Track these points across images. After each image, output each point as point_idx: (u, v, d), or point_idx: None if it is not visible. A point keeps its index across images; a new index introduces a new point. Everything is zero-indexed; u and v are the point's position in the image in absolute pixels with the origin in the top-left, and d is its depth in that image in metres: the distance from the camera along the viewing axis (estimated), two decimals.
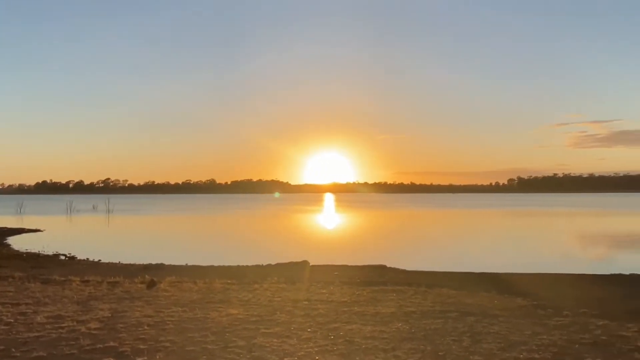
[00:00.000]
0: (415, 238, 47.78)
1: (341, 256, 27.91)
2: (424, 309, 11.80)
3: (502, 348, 8.21)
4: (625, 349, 8.40)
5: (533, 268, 23.34)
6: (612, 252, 36.46)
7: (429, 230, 57.75)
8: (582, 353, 7.94)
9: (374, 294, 14.18)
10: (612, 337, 9.35)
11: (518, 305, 13.01)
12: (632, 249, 38.13)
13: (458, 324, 10.13)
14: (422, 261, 26.58)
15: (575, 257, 32.72)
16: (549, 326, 10.13)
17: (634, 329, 10.02)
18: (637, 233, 52.20)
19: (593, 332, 9.71)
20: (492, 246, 39.62)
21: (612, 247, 39.78)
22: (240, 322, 10.23)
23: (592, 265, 26.77)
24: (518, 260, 28.77)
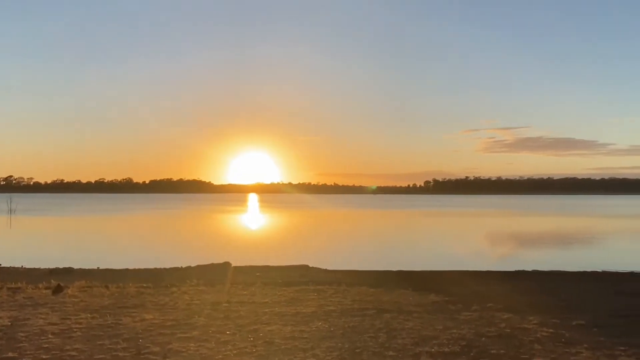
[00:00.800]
0: (337, 238, 48.63)
1: (264, 257, 27.72)
2: (343, 308, 12.02)
3: (416, 343, 8.56)
4: (527, 340, 9.07)
5: (446, 265, 24.59)
6: (517, 250, 39.38)
7: (350, 230, 59.03)
8: (488, 345, 8.47)
9: (296, 294, 14.23)
10: (515, 329, 10.06)
11: (431, 301, 13.63)
12: (534, 247, 41.44)
13: (375, 321, 10.43)
14: (343, 260, 27.07)
15: (484, 254, 34.95)
16: (458, 320, 10.71)
17: (535, 322, 10.85)
18: (538, 232, 56.78)
19: (498, 325, 10.40)
20: (409, 245, 41.27)
21: (517, 245, 42.98)
22: (156, 327, 9.83)
23: (499, 262, 28.72)
24: (433, 258, 30.18)
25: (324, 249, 37.07)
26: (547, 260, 30.13)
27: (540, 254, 35.41)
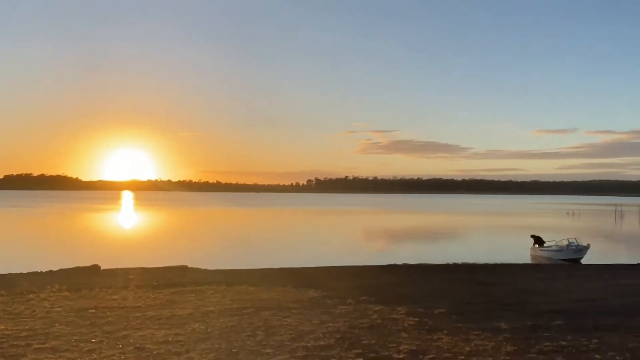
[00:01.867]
0: (219, 237, 47.65)
1: (139, 258, 26.20)
2: (222, 308, 11.80)
3: (293, 338, 8.69)
4: (395, 330, 9.68)
5: (326, 261, 25.35)
6: (389, 245, 42.02)
7: (232, 229, 58.22)
8: (360, 336, 8.89)
9: (172, 296, 13.65)
10: (385, 319, 10.69)
11: (310, 297, 13.94)
12: (405, 242, 44.54)
13: (254, 319, 10.39)
14: (225, 260, 26.60)
15: (361, 250, 36.73)
16: (334, 314, 11.10)
17: (403, 312, 11.62)
18: (409, 228, 61.10)
19: (370, 316, 10.97)
20: (291, 243, 41.86)
21: (390, 241, 45.87)
22: (8, 338, 8.78)
23: (373, 257, 30.32)
24: (313, 255, 30.93)
25: (205, 249, 36.09)
26: (416, 254, 32.56)
27: (410, 249, 38.15)
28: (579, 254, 29.80)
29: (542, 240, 33.27)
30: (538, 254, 32.20)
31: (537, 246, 33.09)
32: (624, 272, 22.48)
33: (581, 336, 9.13)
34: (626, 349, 8.15)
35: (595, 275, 21.05)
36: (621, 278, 19.77)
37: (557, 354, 7.81)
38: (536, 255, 32.28)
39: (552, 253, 31.10)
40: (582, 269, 24.81)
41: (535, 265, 27.28)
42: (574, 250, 30.06)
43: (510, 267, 24.90)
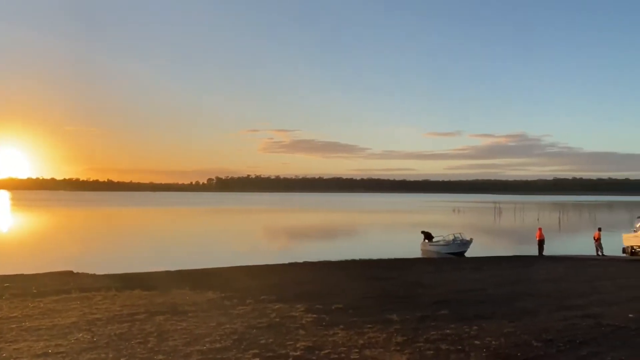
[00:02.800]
0: (109, 239, 44.69)
1: (17, 264, 23.81)
2: (110, 315, 11.07)
3: (188, 343, 8.40)
4: (293, 327, 9.75)
5: (226, 262, 24.86)
6: (291, 243, 42.34)
7: (125, 231, 54.96)
8: (258, 336, 8.83)
9: (54, 305, 12.53)
10: (283, 318, 10.73)
11: (208, 299, 13.59)
12: (306, 240, 45.16)
13: (146, 325, 9.88)
14: (116, 263, 25.04)
15: (262, 249, 36.59)
16: (232, 315, 10.92)
17: (302, 309, 11.75)
18: (310, 226, 62.06)
19: (269, 315, 10.95)
20: (190, 243, 40.51)
21: (291, 239, 46.23)
22: None
23: (275, 255, 30.35)
24: (213, 256, 30.21)
25: (93, 253, 33.66)
26: (316, 252, 33.12)
27: (310, 247, 38.76)
28: (463, 248, 32.27)
29: (432, 236, 35.53)
30: (428, 249, 34.35)
31: (427, 241, 35.29)
32: (502, 263, 24.71)
33: (463, 324, 9.88)
34: (501, 334, 8.96)
35: (477, 267, 22.94)
36: (499, 269, 21.74)
37: (441, 341, 8.36)
38: (426, 249, 34.40)
39: (439, 247, 33.35)
40: (466, 261, 26.86)
41: (425, 259, 29.06)
42: (458, 244, 32.50)
43: (403, 261, 26.27)
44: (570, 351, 7.66)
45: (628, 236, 32.28)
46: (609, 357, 7.29)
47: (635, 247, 31.15)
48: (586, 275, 18.78)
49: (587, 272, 19.64)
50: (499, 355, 7.38)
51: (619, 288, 15.16)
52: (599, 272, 19.57)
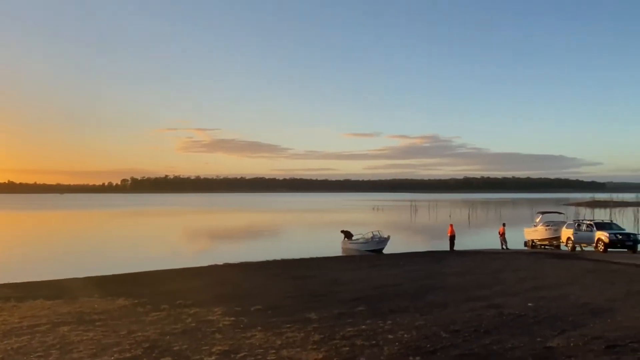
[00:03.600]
0: (7, 245, 41.07)
1: None
2: (7, 327, 10.15)
3: (94, 354, 7.90)
4: (209, 331, 9.50)
5: (141, 267, 23.81)
6: (211, 245, 41.40)
7: (25, 235, 50.80)
8: (172, 342, 8.50)
9: None
10: (200, 322, 10.43)
11: (119, 306, 12.90)
12: (227, 241, 44.35)
13: (48, 337, 9.17)
14: (16, 272, 23.07)
15: (180, 252, 35.41)
16: (145, 322, 10.44)
17: (219, 312, 11.50)
18: (231, 227, 61.08)
19: (185, 320, 10.60)
20: (101, 248, 38.28)
21: (212, 241, 45.18)
22: None
23: (194, 258, 29.47)
24: (127, 260, 28.80)
25: None
26: (237, 253, 32.65)
27: (232, 248, 38.15)
28: (381, 245, 33.31)
29: (351, 234, 36.36)
30: (348, 247, 35.10)
31: (347, 240, 36.06)
32: (416, 259, 25.82)
33: (379, 319, 10.16)
34: (413, 327, 9.32)
35: (394, 263, 23.78)
36: (414, 265, 22.67)
37: (357, 337, 8.54)
38: (346, 247, 35.15)
39: (359, 245, 34.19)
40: (383, 258, 27.75)
41: (345, 257, 29.64)
42: (377, 242, 33.51)
43: (324, 260, 26.63)
44: (475, 340, 8.13)
45: (529, 230, 35.02)
46: (509, 344, 7.82)
47: (535, 241, 33.88)
48: (491, 268, 20.09)
49: (492, 265, 21.02)
50: (410, 348, 7.67)
51: (520, 279, 16.36)
52: (502, 265, 21.01)
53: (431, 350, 7.54)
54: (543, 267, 19.98)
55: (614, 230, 28.44)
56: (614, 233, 27.82)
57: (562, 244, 31.19)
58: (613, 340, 7.76)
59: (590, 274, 16.97)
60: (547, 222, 33.90)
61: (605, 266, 19.53)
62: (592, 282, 15.09)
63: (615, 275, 16.42)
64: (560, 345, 7.59)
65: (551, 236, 32.36)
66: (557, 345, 7.59)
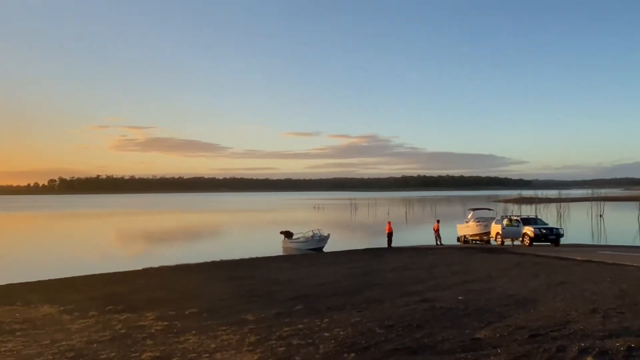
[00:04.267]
0: None
1: None
2: None
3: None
4: (140, 338, 9.13)
5: (69, 271, 22.60)
6: (146, 248, 39.91)
7: None
8: (99, 351, 8.09)
9: None
10: (130, 328, 10.00)
11: (43, 314, 12.15)
12: (163, 243, 42.91)
13: None
14: None
15: (112, 256, 33.89)
16: (71, 331, 9.88)
17: (151, 317, 11.09)
18: (168, 228, 59.18)
19: (114, 327, 10.12)
20: (24, 253, 35.92)
21: (147, 243, 43.57)
22: None
23: (127, 262, 28.30)
24: (54, 265, 27.23)
25: None
26: (174, 255, 31.75)
27: (168, 250, 36.98)
28: (321, 243, 33.58)
29: (291, 234, 36.38)
30: (288, 246, 35.10)
31: (287, 239, 36.04)
32: (355, 256, 26.18)
33: (316, 317, 10.19)
34: (349, 324, 9.42)
35: (333, 261, 24.00)
36: (353, 262, 22.97)
37: (294, 337, 8.51)
38: (286, 247, 35.13)
39: (299, 244, 34.28)
40: (323, 256, 27.95)
41: (285, 257, 29.57)
42: (317, 240, 33.73)
43: (264, 260, 26.43)
44: (408, 334, 8.33)
45: (461, 226, 36.51)
46: (440, 336, 8.07)
47: (467, 236, 35.37)
48: (426, 263, 20.73)
49: (427, 261, 21.70)
50: (345, 345, 7.74)
51: (452, 273, 16.99)
52: (436, 260, 21.75)
53: (365, 346, 7.65)
54: (474, 261, 20.87)
55: (538, 225, 30.20)
56: (539, 228, 29.54)
57: (492, 238, 32.77)
58: (535, 330, 8.20)
59: (516, 267, 17.91)
60: (478, 218, 35.49)
61: (530, 259, 20.69)
62: (518, 274, 15.93)
63: (539, 268, 17.42)
64: (487, 336, 7.93)
65: (482, 231, 33.91)
66: (484, 337, 7.93)
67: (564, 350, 6.81)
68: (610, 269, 16.43)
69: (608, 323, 8.45)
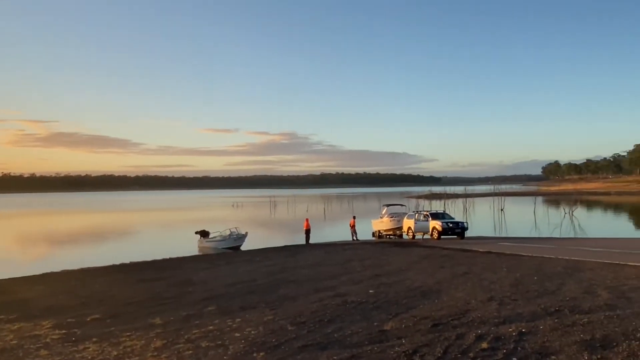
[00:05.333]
0: None
1: None
2: None
3: None
4: (33, 348, 8.43)
5: None
6: (47, 252, 36.98)
7: None
8: None
9: None
10: (23, 339, 9.20)
11: None
12: (67, 247, 40.01)
13: None
14: None
15: (8, 260, 31.06)
16: None
17: (48, 326, 10.28)
18: (72, 231, 55.31)
19: (4, 338, 9.27)
20: None
21: (48, 247, 40.38)
22: None
23: (23, 267, 26.07)
24: None
25: None
26: (78, 258, 29.64)
27: (72, 253, 34.52)
28: (238, 242, 33.10)
29: (207, 233, 35.52)
30: (204, 245, 34.21)
31: (203, 238, 35.14)
32: (272, 254, 26.07)
33: (228, 318, 9.99)
34: (262, 322, 9.32)
35: (250, 259, 23.73)
36: (270, 260, 22.86)
37: (203, 339, 8.27)
38: (203, 246, 34.22)
39: (216, 243, 33.55)
40: (240, 255, 27.56)
41: (200, 256, 28.78)
42: (234, 239, 33.21)
43: (178, 260, 25.54)
44: (319, 330, 8.40)
45: (376, 222, 37.68)
46: (349, 330, 8.23)
47: (381, 231, 36.57)
48: (341, 258, 21.14)
49: (343, 256, 22.14)
50: (256, 344, 7.64)
51: (365, 268, 17.45)
52: (351, 255, 22.25)
53: (276, 344, 7.60)
54: (386, 255, 21.61)
55: (446, 220, 31.91)
56: (446, 222, 31.22)
57: (404, 233, 34.15)
58: (438, 319, 8.62)
59: (424, 260, 18.79)
60: (392, 213, 36.82)
61: (438, 252, 21.80)
62: (426, 267, 16.71)
63: (445, 260, 18.40)
64: (394, 328, 8.21)
65: (395, 226, 35.22)
66: (391, 328, 8.19)
67: (462, 338, 7.21)
68: (507, 259, 17.73)
69: (503, 310, 9.08)
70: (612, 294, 10.14)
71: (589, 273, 13.51)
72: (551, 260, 16.99)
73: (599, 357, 5.96)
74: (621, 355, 5.96)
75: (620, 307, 8.85)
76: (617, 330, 7.07)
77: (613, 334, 6.93)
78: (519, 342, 6.86)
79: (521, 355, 6.25)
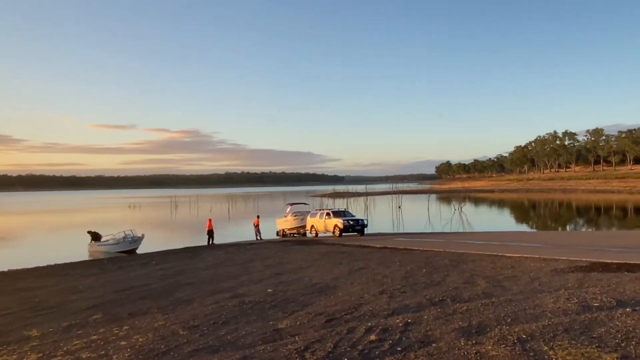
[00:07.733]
0: None
1: None
2: None
3: None
4: None
5: None
6: None
7: None
8: None
9: None
10: None
11: None
12: None
13: None
14: None
15: None
16: None
17: None
18: None
19: None
20: None
21: None
22: None
23: None
24: None
25: None
26: None
27: None
28: (134, 245, 31.40)
29: (99, 235, 33.29)
30: (95, 249, 32.00)
31: (94, 242, 32.86)
32: (171, 256, 25.05)
33: (115, 326, 9.38)
34: (152, 328, 8.87)
35: (145, 263, 22.57)
36: (167, 262, 21.92)
37: (84, 350, 7.67)
38: (94, 250, 31.98)
39: (109, 247, 31.52)
40: (135, 258, 26.12)
41: (90, 261, 26.86)
42: (129, 242, 31.44)
43: (63, 266, 23.65)
44: (212, 333, 8.18)
45: (280, 221, 37.77)
46: (243, 331, 8.10)
47: (285, 230, 36.71)
48: (243, 258, 20.86)
49: (245, 256, 21.86)
50: (143, 352, 7.24)
51: (266, 267, 17.38)
52: (253, 255, 22.05)
53: (164, 350, 7.26)
54: (288, 254, 21.71)
55: (346, 217, 32.84)
56: (347, 219, 32.13)
57: (307, 231, 34.59)
58: (332, 314, 8.79)
59: (324, 257, 19.15)
60: (296, 212, 37.13)
61: (338, 249, 22.34)
62: (325, 264, 17.03)
63: (343, 256, 18.90)
64: (288, 326, 8.23)
65: (298, 225, 35.56)
66: (286, 326, 8.20)
67: (353, 331, 7.41)
68: (400, 254, 18.63)
69: (392, 302, 9.49)
70: (489, 283, 11.04)
71: (471, 264, 14.61)
72: (439, 253, 18.15)
73: (474, 342, 6.42)
74: (493, 340, 6.47)
75: (495, 295, 9.66)
76: (491, 317, 7.69)
77: (487, 320, 7.52)
78: (405, 332, 7.20)
79: (405, 345, 6.55)
